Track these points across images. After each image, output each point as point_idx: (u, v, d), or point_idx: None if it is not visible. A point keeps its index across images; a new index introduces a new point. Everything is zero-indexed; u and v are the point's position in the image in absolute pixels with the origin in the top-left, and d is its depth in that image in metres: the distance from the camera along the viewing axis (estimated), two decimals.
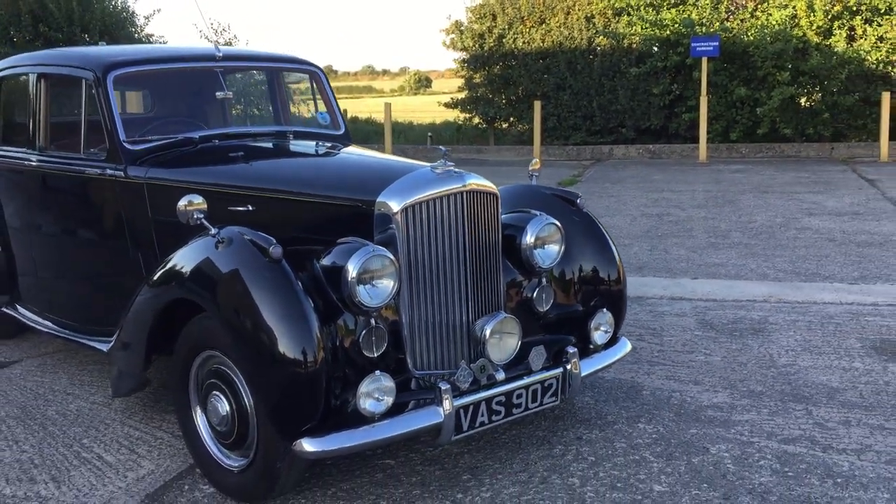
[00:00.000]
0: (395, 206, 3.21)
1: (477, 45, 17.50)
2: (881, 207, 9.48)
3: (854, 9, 14.94)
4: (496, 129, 18.34)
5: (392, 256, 3.10)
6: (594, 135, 16.78)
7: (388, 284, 3.08)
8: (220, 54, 4.55)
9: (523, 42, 17.04)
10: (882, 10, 14.85)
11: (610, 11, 16.45)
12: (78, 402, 4.30)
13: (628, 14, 16.31)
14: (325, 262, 3.15)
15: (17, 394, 4.45)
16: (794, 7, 15.19)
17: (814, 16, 14.95)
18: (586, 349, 3.65)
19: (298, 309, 2.91)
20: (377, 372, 2.96)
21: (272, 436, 3.00)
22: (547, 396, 3.40)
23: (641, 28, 15.82)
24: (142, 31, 21.01)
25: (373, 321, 3.07)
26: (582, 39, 16.57)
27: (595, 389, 4.25)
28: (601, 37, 16.43)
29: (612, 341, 3.80)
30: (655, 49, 15.99)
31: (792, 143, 15.70)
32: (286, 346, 2.87)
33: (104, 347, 4.12)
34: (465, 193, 3.34)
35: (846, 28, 14.99)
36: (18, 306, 4.99)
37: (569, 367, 3.44)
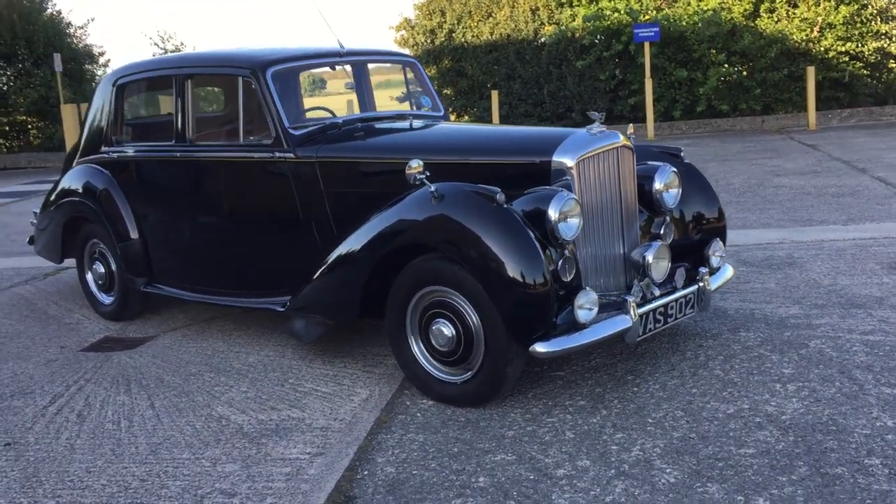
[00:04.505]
0: (570, 161, 3.98)
1: (428, 41, 18.26)
2: (834, 166, 10.70)
3: None
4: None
5: (577, 199, 3.88)
6: (545, 120, 17.77)
7: (576, 222, 3.85)
8: (345, 50, 5.22)
9: (472, 35, 17.90)
10: None
11: (553, 3, 17.45)
12: (253, 357, 4.89)
13: (571, 6, 17.36)
14: (522, 207, 3.89)
15: (188, 356, 4.99)
16: None
17: (742, 0, 16.29)
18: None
19: (529, 241, 3.65)
20: (587, 287, 3.74)
21: (505, 345, 3.72)
22: (688, 308, 4.24)
23: (583, 22, 16.89)
24: (80, 42, 20.96)
25: (566, 252, 3.84)
26: (528, 31, 17.52)
27: None
28: (547, 26, 17.41)
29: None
30: (597, 39, 17.08)
31: (727, 118, 17.05)
32: (524, 270, 3.60)
33: (278, 307, 4.74)
34: (619, 149, 4.15)
35: (773, 10, 16.38)
36: (159, 285, 5.52)
37: (702, 284, 4.28)
